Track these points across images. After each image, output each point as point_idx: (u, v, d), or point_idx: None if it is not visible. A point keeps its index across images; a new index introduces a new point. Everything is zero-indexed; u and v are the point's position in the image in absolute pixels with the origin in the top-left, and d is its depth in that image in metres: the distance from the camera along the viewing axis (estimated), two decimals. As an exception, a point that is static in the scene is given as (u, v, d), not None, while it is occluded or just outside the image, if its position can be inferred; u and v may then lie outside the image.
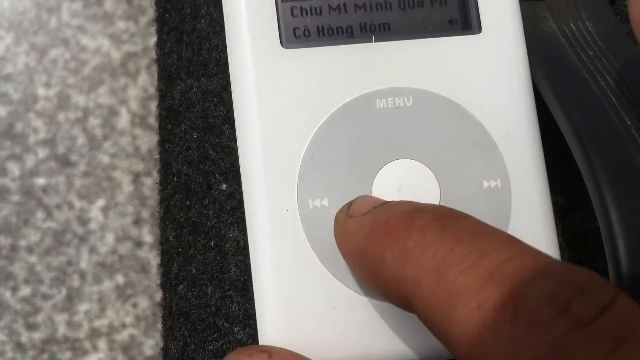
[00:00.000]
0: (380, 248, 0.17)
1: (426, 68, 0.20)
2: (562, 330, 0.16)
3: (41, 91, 0.69)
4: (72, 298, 0.66)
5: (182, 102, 0.22)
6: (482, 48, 0.20)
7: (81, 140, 0.69)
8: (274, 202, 0.19)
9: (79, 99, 0.70)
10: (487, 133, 0.20)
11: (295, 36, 0.20)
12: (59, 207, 0.67)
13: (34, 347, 0.65)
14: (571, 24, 0.24)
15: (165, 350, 0.22)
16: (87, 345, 0.66)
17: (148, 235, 0.68)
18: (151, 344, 0.67)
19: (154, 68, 0.72)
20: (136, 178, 0.69)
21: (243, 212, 0.21)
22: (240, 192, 0.21)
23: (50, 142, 0.68)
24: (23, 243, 0.66)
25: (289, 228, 0.19)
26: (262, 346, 0.18)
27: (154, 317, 0.69)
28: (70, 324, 0.66)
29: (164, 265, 0.22)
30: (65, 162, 0.68)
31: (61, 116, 0.69)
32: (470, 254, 0.17)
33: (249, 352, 0.18)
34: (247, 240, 0.20)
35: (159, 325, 0.68)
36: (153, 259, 0.68)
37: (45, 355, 0.66)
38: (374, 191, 0.20)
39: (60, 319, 0.65)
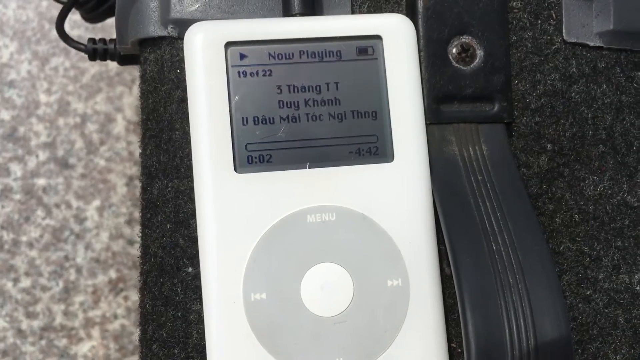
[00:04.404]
0: None
1: (348, 190, 0.26)
2: None
3: (43, 97, 0.74)
4: (68, 290, 0.72)
5: (159, 198, 0.28)
6: (393, 174, 0.26)
7: (79, 144, 0.74)
8: (225, 294, 0.25)
9: (78, 106, 0.75)
10: (393, 242, 0.26)
11: (248, 163, 0.25)
12: (57, 206, 0.73)
13: (33, 333, 0.71)
14: (470, 148, 0.29)
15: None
16: (81, 333, 0.72)
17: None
18: (140, 334, 0.74)
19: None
20: (130, 181, 0.74)
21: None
22: (203, 275, 0.27)
23: (50, 146, 0.73)
24: (24, 238, 0.72)
25: (235, 315, 0.25)
26: None
27: (144, 308, 0.75)
28: (66, 313, 0.72)
29: (142, 325, 0.28)
30: (64, 164, 0.74)
31: (61, 121, 0.74)
32: None
33: None
34: (206, 316, 0.26)
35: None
36: (143, 256, 0.74)
37: (43, 342, 0.72)
38: (302, 288, 0.25)
39: (58, 309, 0.71)
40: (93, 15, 0.43)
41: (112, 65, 0.79)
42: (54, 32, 0.76)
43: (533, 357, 0.23)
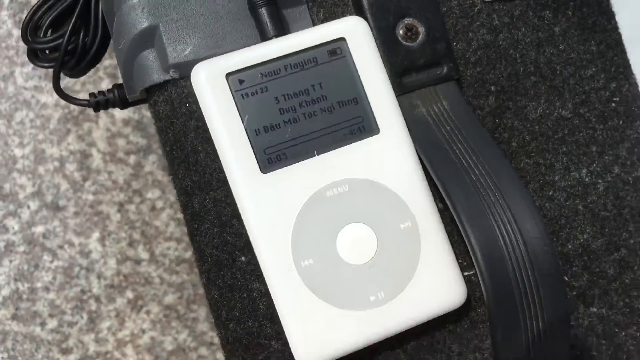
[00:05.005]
0: None
1: (351, 164, 0.32)
2: None
3: (17, 151, 0.78)
4: (93, 319, 0.77)
5: (201, 209, 0.34)
6: (383, 142, 0.33)
7: (64, 186, 0.78)
8: (281, 267, 0.31)
9: (53, 151, 0.79)
10: (396, 195, 0.33)
11: (269, 163, 0.32)
12: (61, 247, 0.77)
13: (73, 367, 0.77)
14: (434, 106, 0.36)
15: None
16: (117, 354, 0.78)
17: (144, 253, 0.79)
18: (170, 340, 0.79)
19: (110, 111, 0.81)
20: (120, 207, 0.79)
21: (261, 272, 0.33)
22: (256, 259, 0.33)
23: (38, 194, 0.78)
24: (39, 285, 0.77)
25: (293, 281, 0.31)
26: None
27: (167, 318, 0.81)
28: (97, 341, 0.77)
29: (215, 312, 0.34)
30: (55, 207, 0.78)
31: (41, 169, 0.78)
32: None
33: None
34: (267, 289, 0.32)
35: (173, 324, 0.80)
36: (153, 271, 0.79)
37: (84, 372, 0.77)
38: (337, 247, 0.32)
39: (88, 339, 0.77)
40: (75, 72, 0.47)
41: (73, 106, 0.82)
42: (10, 89, 0.80)
43: (524, 251, 0.31)
